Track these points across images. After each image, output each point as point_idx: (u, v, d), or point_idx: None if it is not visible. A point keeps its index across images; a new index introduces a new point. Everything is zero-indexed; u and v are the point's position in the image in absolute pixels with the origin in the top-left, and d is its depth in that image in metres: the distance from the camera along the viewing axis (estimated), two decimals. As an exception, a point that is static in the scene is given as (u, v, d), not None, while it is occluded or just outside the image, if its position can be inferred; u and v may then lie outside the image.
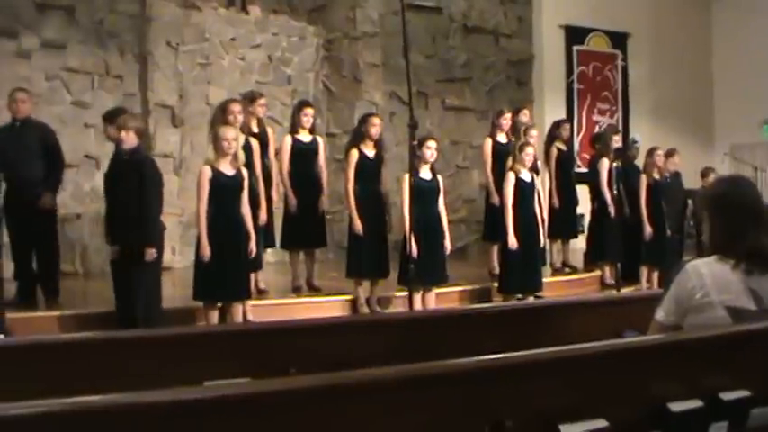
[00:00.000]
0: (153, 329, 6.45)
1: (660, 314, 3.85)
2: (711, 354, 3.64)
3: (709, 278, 3.71)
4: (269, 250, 9.75)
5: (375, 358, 3.98)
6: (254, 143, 8.68)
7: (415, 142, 8.18)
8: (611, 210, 10.50)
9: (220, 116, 8.32)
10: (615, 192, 10.19)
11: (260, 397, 3.02)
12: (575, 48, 15.39)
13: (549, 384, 3.43)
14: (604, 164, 10.78)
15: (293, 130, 9.36)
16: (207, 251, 7.68)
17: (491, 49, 14.83)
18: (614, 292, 9.62)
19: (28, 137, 8.66)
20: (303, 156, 9.25)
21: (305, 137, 9.32)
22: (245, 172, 7.87)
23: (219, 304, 7.93)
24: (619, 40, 15.80)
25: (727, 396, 3.43)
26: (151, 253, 7.74)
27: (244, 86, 11.88)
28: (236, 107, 8.38)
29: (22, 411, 2.92)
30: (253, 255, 8.02)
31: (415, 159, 8.40)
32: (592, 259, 11.29)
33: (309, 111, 9.38)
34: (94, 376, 4.21)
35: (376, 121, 9.15)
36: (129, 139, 7.76)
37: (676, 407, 3.35)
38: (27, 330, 7.84)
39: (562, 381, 3.45)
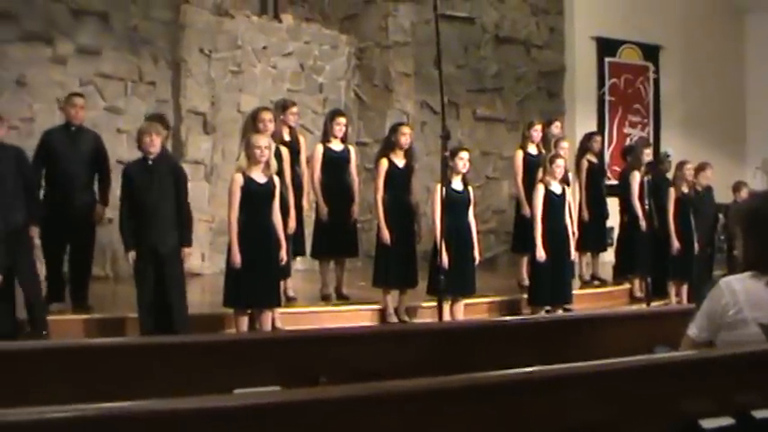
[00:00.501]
0: (183, 336, 6.49)
1: (692, 330, 3.83)
2: (744, 371, 3.62)
3: (742, 295, 3.68)
4: (298, 258, 9.76)
5: (405, 369, 3.98)
6: (285, 151, 8.69)
7: (448, 153, 8.20)
8: (642, 223, 10.46)
9: (251, 124, 8.37)
10: (646, 205, 10.15)
11: (291, 406, 3.02)
12: (606, 59, 15.33)
13: (581, 399, 3.42)
14: (635, 177, 10.72)
15: (325, 138, 9.37)
16: (238, 258, 7.71)
17: (522, 59, 14.81)
18: (644, 306, 9.58)
19: (82, 142, 8.74)
20: (335, 165, 9.27)
21: (337, 146, 9.33)
22: (276, 180, 7.89)
23: (249, 311, 7.95)
24: (650, 52, 15.73)
25: (759, 414, 3.41)
26: (189, 253, 7.87)
27: (275, 94, 11.93)
28: (267, 115, 8.42)
29: (53, 415, 2.95)
30: (284, 262, 8.04)
31: (446, 170, 8.44)
32: (621, 272, 11.22)
33: (342, 120, 9.40)
34: (124, 381, 4.23)
35: (406, 130, 9.15)
36: (157, 144, 7.81)
37: (708, 424, 3.34)
38: (55, 333, 7.91)
39: (593, 396, 3.44)
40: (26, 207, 7.79)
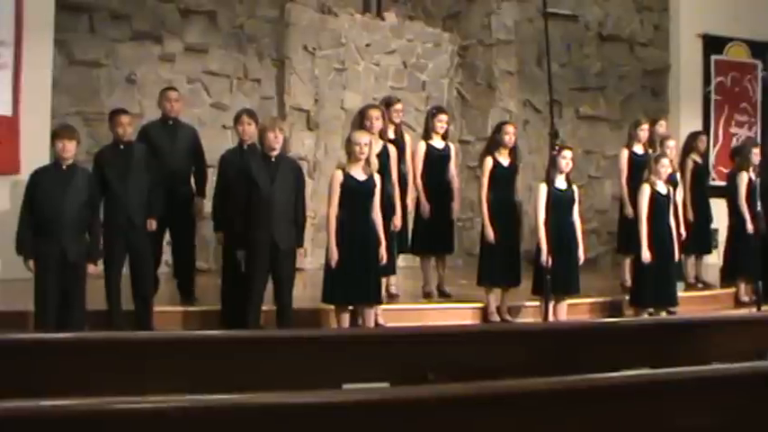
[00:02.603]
0: (293, 330, 6.57)
1: (808, 336, 3.76)
2: None
3: None
4: (400, 255, 9.81)
5: (511, 368, 3.99)
6: (392, 149, 8.71)
7: (555, 151, 8.17)
8: (749, 225, 10.26)
9: (358, 121, 8.42)
10: (758, 207, 9.94)
11: (404, 403, 3.05)
12: (713, 57, 15.01)
13: (691, 404, 3.39)
14: (743, 178, 10.48)
15: (427, 135, 9.40)
16: (335, 255, 7.73)
17: (626, 57, 14.58)
18: (754, 310, 9.40)
19: (179, 136, 8.87)
20: (435, 162, 9.27)
21: (438, 143, 9.35)
22: (377, 178, 7.86)
23: (350, 307, 8.00)
24: (759, 49, 15.32)
25: None
26: (302, 253, 8.01)
27: (378, 92, 12.02)
28: (375, 113, 8.45)
29: (168, 405, 3.04)
30: (384, 260, 8.04)
31: (552, 168, 8.41)
32: (729, 276, 10.96)
33: (443, 117, 9.42)
34: (233, 374, 4.32)
35: (510, 129, 9.12)
36: (281, 141, 7.91)
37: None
38: (160, 325, 8.07)
39: (703, 401, 3.41)
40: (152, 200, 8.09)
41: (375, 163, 7.94)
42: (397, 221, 8.62)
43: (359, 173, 7.81)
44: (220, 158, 8.75)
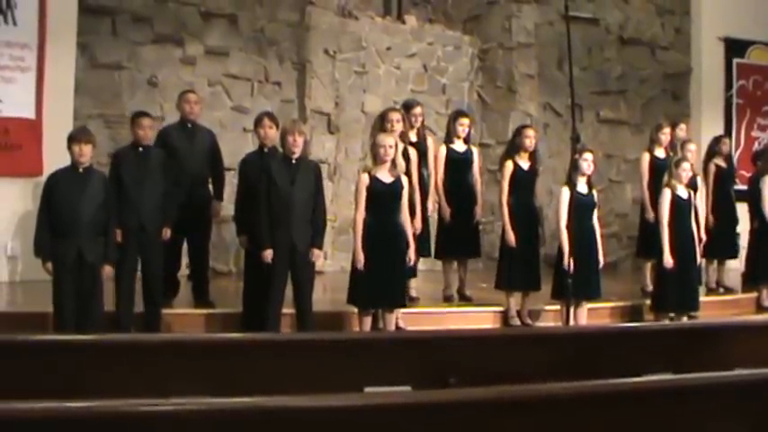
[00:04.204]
0: (316, 333, 6.58)
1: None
2: None
3: None
4: (421, 258, 9.80)
5: (533, 372, 3.99)
6: (413, 152, 8.70)
7: (577, 155, 8.15)
8: (771, 229, 10.23)
9: (379, 124, 8.42)
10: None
11: (426, 407, 3.05)
12: (734, 60, 14.93)
13: (715, 410, 3.37)
14: (766, 182, 10.44)
15: (448, 139, 9.41)
16: (361, 258, 7.74)
17: (647, 61, 14.54)
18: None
19: (198, 138, 8.88)
20: (457, 165, 9.28)
21: (459, 146, 9.36)
22: (404, 180, 7.86)
23: (373, 310, 7.99)
24: (781, 52, 15.28)
25: None
26: (319, 255, 7.98)
27: (399, 95, 12.04)
28: (396, 115, 8.44)
29: (189, 407, 3.05)
30: (412, 261, 8.05)
31: (574, 172, 8.40)
32: (750, 280, 10.90)
33: (465, 120, 9.42)
34: (257, 377, 4.32)
35: (530, 132, 9.11)
36: (300, 144, 7.90)
37: None
38: (177, 328, 8.10)
39: (729, 407, 3.39)
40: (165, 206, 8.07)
41: (402, 165, 7.94)
42: (417, 224, 8.59)
43: (385, 175, 7.80)
44: (241, 162, 8.76)
